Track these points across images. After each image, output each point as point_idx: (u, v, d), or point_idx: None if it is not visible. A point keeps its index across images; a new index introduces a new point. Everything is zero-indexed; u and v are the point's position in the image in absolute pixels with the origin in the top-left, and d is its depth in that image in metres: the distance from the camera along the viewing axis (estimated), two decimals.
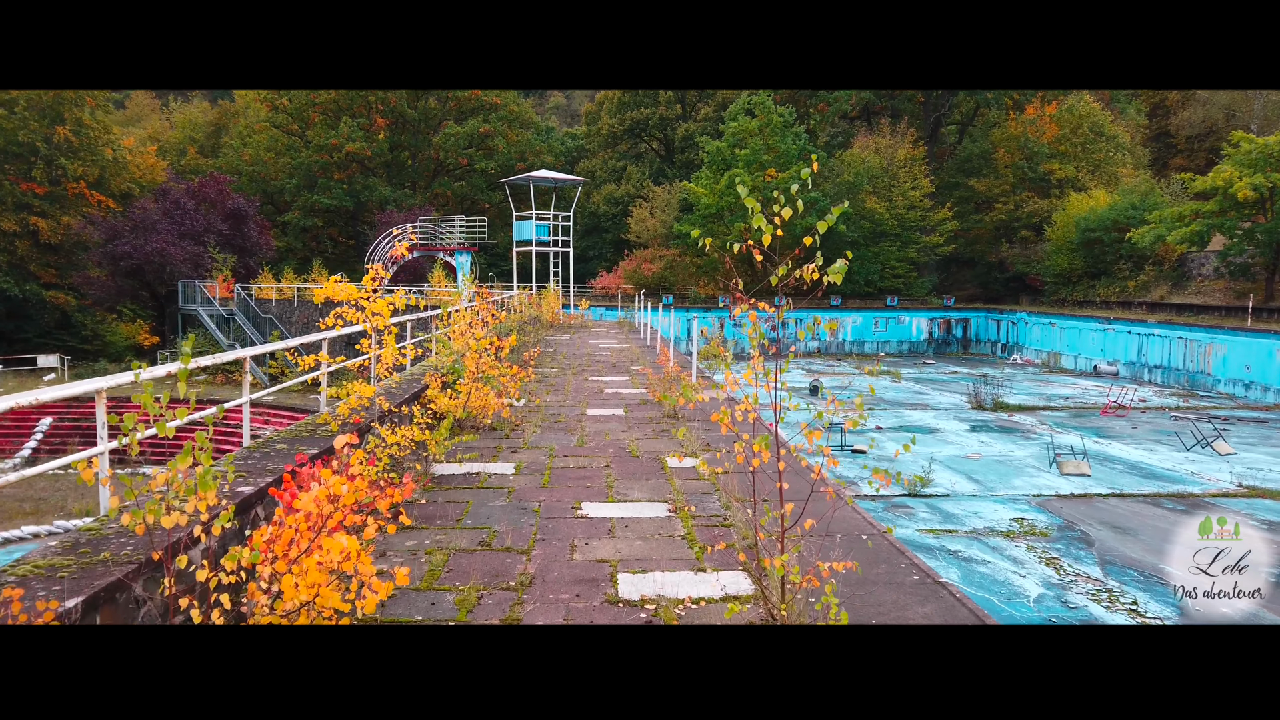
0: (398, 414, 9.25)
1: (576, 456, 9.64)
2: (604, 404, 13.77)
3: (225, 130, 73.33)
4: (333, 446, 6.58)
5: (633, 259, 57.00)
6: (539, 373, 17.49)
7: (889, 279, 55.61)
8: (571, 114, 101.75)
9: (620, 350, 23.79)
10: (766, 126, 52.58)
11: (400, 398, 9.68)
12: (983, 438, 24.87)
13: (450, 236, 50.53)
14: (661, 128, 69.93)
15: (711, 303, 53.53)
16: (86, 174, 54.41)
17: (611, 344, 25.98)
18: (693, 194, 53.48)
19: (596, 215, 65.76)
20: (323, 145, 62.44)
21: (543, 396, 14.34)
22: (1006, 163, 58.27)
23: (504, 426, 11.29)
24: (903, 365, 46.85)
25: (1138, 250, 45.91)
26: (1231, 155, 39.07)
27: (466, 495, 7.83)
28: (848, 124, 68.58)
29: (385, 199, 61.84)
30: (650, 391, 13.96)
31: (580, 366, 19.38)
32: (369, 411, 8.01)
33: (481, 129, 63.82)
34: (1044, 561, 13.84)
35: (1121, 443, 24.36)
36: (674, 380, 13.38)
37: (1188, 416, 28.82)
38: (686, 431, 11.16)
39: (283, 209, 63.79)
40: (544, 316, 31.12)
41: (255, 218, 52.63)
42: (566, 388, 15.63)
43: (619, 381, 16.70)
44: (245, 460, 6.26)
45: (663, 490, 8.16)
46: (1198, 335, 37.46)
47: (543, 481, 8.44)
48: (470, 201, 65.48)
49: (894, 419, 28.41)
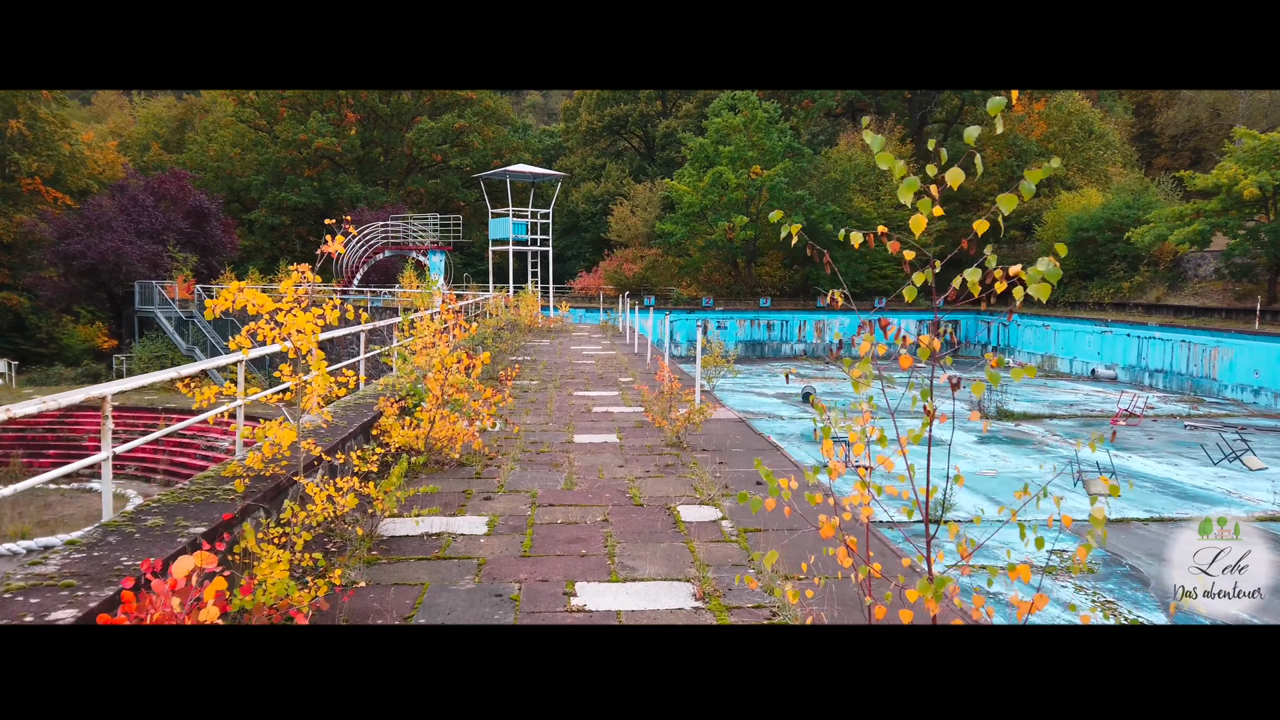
0: (334, 459, 7.32)
1: (565, 505, 7.72)
2: (593, 428, 11.84)
3: (190, 125, 70.59)
4: (219, 525, 4.65)
5: (613, 259, 55.06)
6: (518, 386, 15.58)
7: (876, 280, 53.96)
8: (549, 112, 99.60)
9: (606, 358, 21.87)
10: (751, 123, 50.80)
11: (342, 433, 7.73)
12: (994, 451, 23.15)
13: (423, 235, 48.33)
14: (642, 124, 68.00)
15: (695, 304, 51.69)
16: (42, 169, 51.90)
17: (595, 350, 24.04)
18: (675, 191, 51.60)
19: (575, 214, 63.79)
20: (291, 141, 60.03)
21: (522, 418, 12.39)
22: (994, 161, 56.79)
23: (475, 461, 9.35)
24: (892, 368, 45.20)
25: (1132, 250, 44.57)
26: (1234, 152, 37.71)
27: (421, 573, 5.90)
28: (831, 121, 67.00)
29: (356, 196, 59.49)
30: (646, 412, 12.08)
31: (563, 378, 17.44)
32: (293, 459, 6.07)
33: (456, 125, 61.65)
34: (1099, 606, 12.06)
35: (1142, 456, 22.72)
36: (674, 398, 11.55)
37: (1202, 425, 27.27)
38: (698, 466, 9.30)
39: (249, 206, 61.34)
40: (522, 320, 29.08)
41: (218, 215, 50.22)
42: (549, 406, 13.69)
43: (608, 398, 14.78)
44: (92, 552, 4.30)
45: (680, 559, 6.27)
46: (1202, 338, 35.99)
47: (523, 546, 6.52)
48: (445, 199, 63.32)
49: (888, 422, 26.66)
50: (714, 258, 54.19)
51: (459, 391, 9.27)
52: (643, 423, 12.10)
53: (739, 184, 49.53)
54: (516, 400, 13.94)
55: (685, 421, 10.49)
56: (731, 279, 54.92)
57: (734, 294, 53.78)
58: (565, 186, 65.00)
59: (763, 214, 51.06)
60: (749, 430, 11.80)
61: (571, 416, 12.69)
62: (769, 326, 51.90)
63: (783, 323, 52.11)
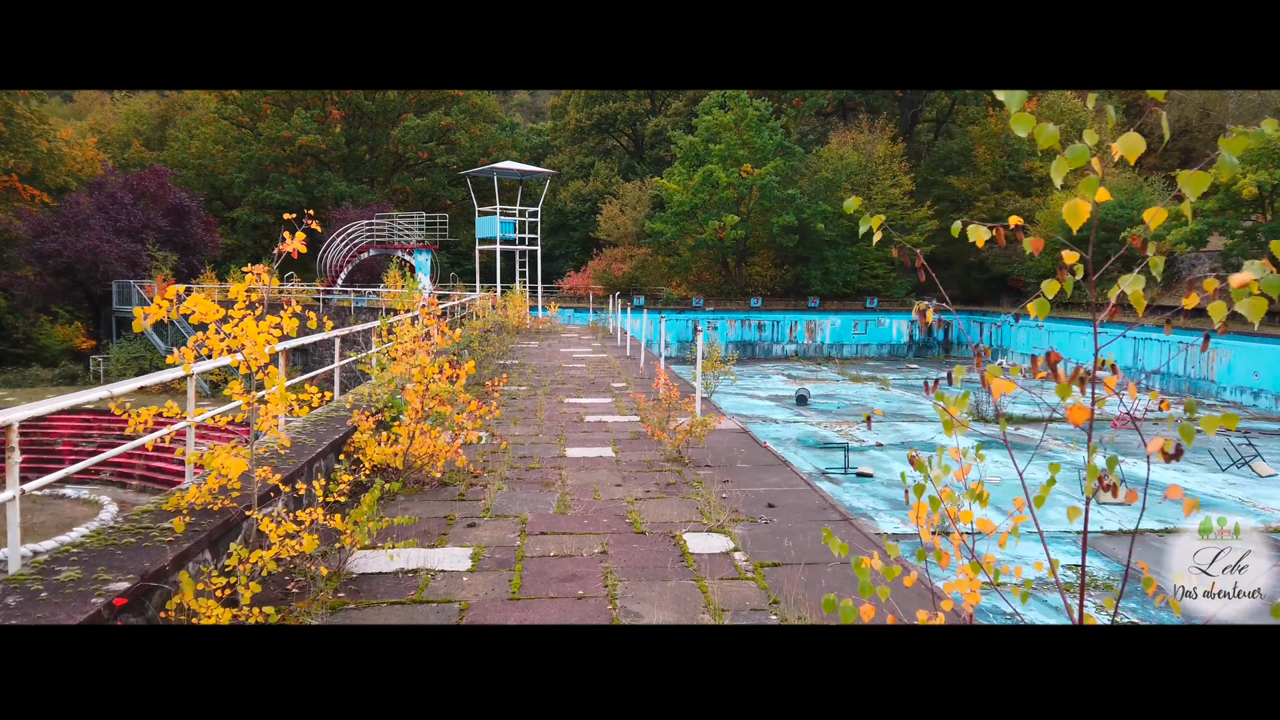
0: (295, 488, 6.54)
1: (558, 534, 6.94)
2: (587, 439, 11.06)
3: (172, 123, 69.31)
4: (150, 576, 3.88)
5: (602, 258, 54.23)
6: (505, 393, 14.80)
7: (868, 280, 53.34)
8: (536, 110, 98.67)
9: (597, 362, 21.09)
10: (742, 120, 50.06)
11: (309, 453, 6.94)
12: (995, 456, 22.48)
13: (409, 234, 47.36)
14: (630, 123, 67.22)
15: (685, 304, 50.94)
16: (19, 166, 50.79)
17: (586, 353, 23.25)
18: (665, 190, 50.81)
19: (564, 213, 62.94)
20: (274, 138, 58.93)
21: (509, 429, 11.59)
22: (987, 160, 56.23)
23: (459, 480, 8.55)
24: (885, 369, 44.55)
25: (1129, 250, 44.00)
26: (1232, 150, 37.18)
27: (393, 619, 5.10)
28: (822, 120, 66.38)
29: (341, 194, 58.46)
30: (643, 422, 11.32)
31: (553, 384, 16.66)
32: (246, 489, 5.28)
33: (443, 122, 60.70)
34: None
35: (1140, 457, 22.07)
36: (672, 407, 10.80)
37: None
38: (702, 485, 8.54)
39: (232, 205, 60.26)
40: (510, 322, 28.25)
41: (199, 213, 49.18)
42: (539, 415, 12.90)
43: (601, 406, 14.00)
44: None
45: (691, 601, 5.50)
46: (1199, 340, 35.44)
47: (511, 586, 5.74)
48: (431, 198, 62.37)
49: (893, 433, 26.00)
50: (704, 257, 53.46)
51: (441, 404, 8.49)
52: (639, 434, 11.33)
53: (729, 183, 48.78)
54: (504, 409, 13.16)
55: (686, 434, 9.73)
56: (722, 279, 54.19)
57: (724, 294, 53.06)
58: (554, 185, 64.07)
59: (754, 213, 50.35)
60: (753, 443, 11.05)
61: (563, 427, 11.91)
62: (760, 327, 51.21)
63: (774, 323, 51.41)
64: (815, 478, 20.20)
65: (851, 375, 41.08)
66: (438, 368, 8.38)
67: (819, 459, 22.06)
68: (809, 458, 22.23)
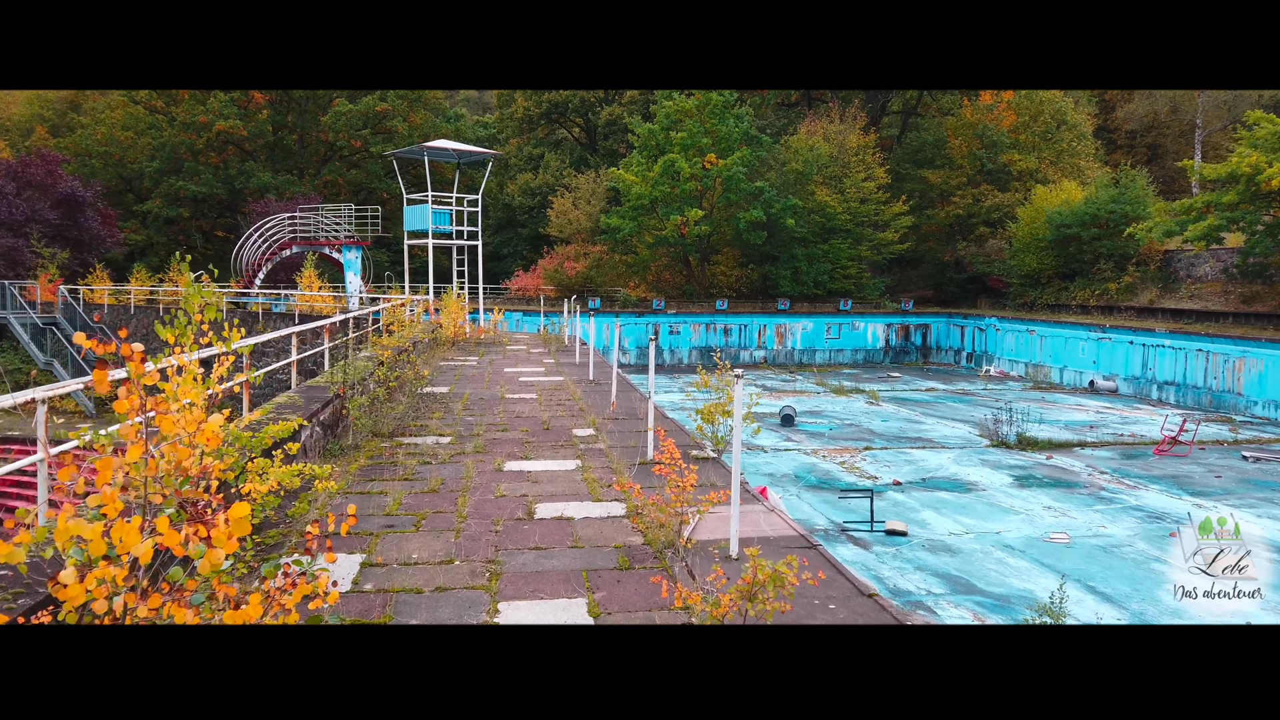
0: None
1: None
2: (539, 579, 6.35)
3: (81, 108, 62.97)
4: None
5: (554, 257, 49.46)
6: (414, 450, 10.15)
7: (840, 280, 49.25)
8: (483, 106, 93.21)
9: (551, 388, 16.45)
10: (705, 107, 45.63)
11: None
12: (1043, 500, 18.30)
13: (337, 229, 42.13)
14: (583, 111, 62.50)
15: (644, 306, 46.44)
16: None
17: (537, 375, 18.55)
18: (622, 182, 46.20)
19: (511, 208, 58.06)
20: (190, 124, 53.05)
21: (403, 544, 6.94)
22: (963, 153, 52.55)
23: None
24: (867, 379, 40.42)
25: (1120, 249, 40.61)
26: (1248, 139, 33.78)
27: None
28: (786, 110, 62.36)
29: (265, 186, 52.90)
30: (633, 520, 6.76)
31: (490, 430, 11.96)
32: None
33: (378, 108, 55.41)
34: None
35: (1223, 501, 18.08)
36: (681, 494, 6.35)
37: (1265, 456, 22.88)
38: None
39: (144, 196, 54.31)
40: (443, 333, 23.35)
41: (96, 205, 43.50)
42: (459, 507, 8.11)
43: (561, 477, 9.31)
44: None
45: None
46: (1223, 348, 31.83)
47: None
48: (367, 191, 57.12)
49: (904, 463, 21.73)
50: (664, 255, 49.02)
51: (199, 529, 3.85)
52: (630, 554, 6.74)
53: (692, 174, 44.36)
54: (405, 487, 8.49)
55: (740, 597, 5.00)
56: (684, 279, 49.78)
57: (686, 295, 48.65)
58: (500, 177, 59.12)
59: (718, 207, 46.04)
60: (855, 594, 6.46)
61: (498, 538, 7.20)
62: (726, 331, 46.92)
63: (741, 327, 47.16)
64: (833, 534, 15.80)
65: (833, 386, 36.85)
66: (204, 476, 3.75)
67: (829, 504, 17.69)
68: (816, 503, 17.85)
